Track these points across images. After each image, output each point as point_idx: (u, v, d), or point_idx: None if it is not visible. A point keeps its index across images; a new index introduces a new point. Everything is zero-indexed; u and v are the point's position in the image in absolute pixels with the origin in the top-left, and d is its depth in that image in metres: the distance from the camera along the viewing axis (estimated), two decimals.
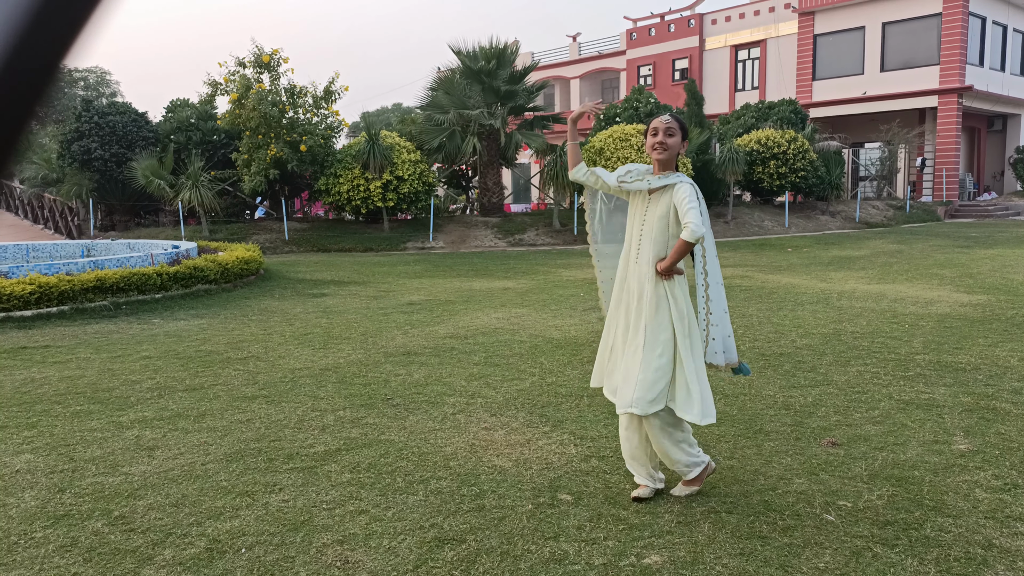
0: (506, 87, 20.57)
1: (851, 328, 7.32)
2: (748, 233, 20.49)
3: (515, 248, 18.58)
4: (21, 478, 3.75)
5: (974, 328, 7.19)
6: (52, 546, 3.01)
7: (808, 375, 5.59)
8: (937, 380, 5.37)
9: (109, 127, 20.20)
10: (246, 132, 18.76)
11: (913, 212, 24.12)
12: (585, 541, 3.01)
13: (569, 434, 4.32)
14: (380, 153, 18.53)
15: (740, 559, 2.84)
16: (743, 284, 10.75)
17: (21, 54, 0.43)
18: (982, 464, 3.75)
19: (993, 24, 27.53)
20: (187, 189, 17.99)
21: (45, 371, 6.04)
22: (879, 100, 27.14)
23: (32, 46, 0.43)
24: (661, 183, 3.36)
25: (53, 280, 8.74)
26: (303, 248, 18.46)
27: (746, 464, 3.82)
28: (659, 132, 3.38)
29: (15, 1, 0.42)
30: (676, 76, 33.28)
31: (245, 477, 3.73)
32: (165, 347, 6.95)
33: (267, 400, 5.14)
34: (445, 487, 3.58)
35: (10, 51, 0.42)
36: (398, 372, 5.90)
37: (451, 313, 8.72)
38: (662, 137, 3.36)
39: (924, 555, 2.85)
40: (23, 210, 26.81)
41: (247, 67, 18.70)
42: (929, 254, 14.38)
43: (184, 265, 10.22)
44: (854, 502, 3.33)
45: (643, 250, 3.38)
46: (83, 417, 4.77)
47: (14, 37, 0.42)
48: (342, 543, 3.02)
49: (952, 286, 10.06)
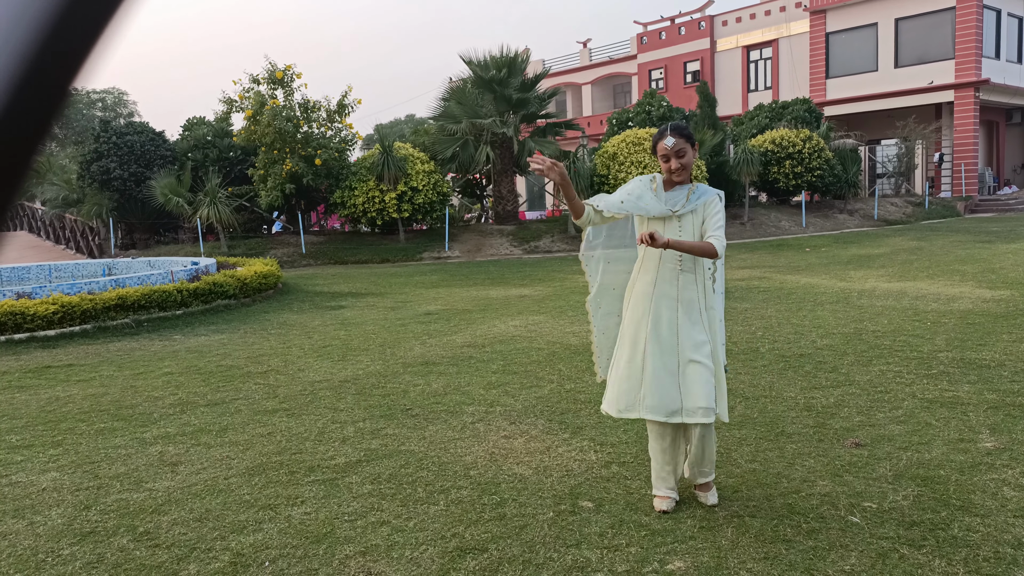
0: (518, 95, 20.62)
1: (872, 327, 7.25)
2: (765, 234, 20.36)
3: (531, 255, 18.58)
4: (48, 496, 3.79)
5: (997, 324, 7.09)
6: (79, 563, 3.04)
7: (830, 375, 5.54)
8: (961, 378, 5.30)
9: (127, 147, 20.46)
10: (262, 148, 18.94)
11: (932, 208, 23.86)
12: (607, 548, 3.00)
13: (589, 440, 4.31)
14: (394, 164, 18.63)
15: (764, 563, 2.81)
16: (761, 285, 10.68)
17: (32, 75, 0.43)
18: (1009, 462, 3.69)
19: (1008, 16, 27.23)
20: (205, 206, 18.18)
21: (69, 389, 6.11)
22: (894, 96, 26.91)
23: (43, 66, 0.44)
24: (691, 207, 3.31)
25: (75, 299, 8.85)
26: (320, 261, 18.58)
27: (768, 467, 3.79)
28: (670, 158, 3.29)
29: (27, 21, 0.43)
30: (688, 79, 33.20)
31: (267, 490, 3.75)
32: (186, 363, 7.01)
33: (288, 413, 5.17)
34: (466, 496, 3.58)
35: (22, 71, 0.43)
36: (416, 382, 5.92)
37: (468, 322, 8.73)
38: (676, 162, 3.28)
39: (952, 556, 2.81)
40: (44, 231, 27.22)
41: (261, 83, 18.89)
42: (950, 250, 14.21)
43: (204, 281, 10.32)
44: (879, 503, 3.29)
45: (684, 260, 3.31)
46: (107, 434, 4.82)
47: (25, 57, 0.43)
48: (364, 555, 3.03)
49: (974, 282, 9.93)
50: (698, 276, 3.35)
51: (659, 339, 3.30)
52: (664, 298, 3.33)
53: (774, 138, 21.80)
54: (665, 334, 3.29)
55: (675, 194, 3.36)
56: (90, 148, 20.76)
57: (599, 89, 38.09)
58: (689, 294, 3.32)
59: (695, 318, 3.31)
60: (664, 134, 3.31)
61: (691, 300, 3.32)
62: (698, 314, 3.32)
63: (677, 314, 3.30)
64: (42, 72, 0.44)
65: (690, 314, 3.30)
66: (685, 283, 3.32)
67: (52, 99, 0.46)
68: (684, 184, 3.37)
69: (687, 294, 3.31)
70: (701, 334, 3.29)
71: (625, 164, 18.87)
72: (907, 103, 26.65)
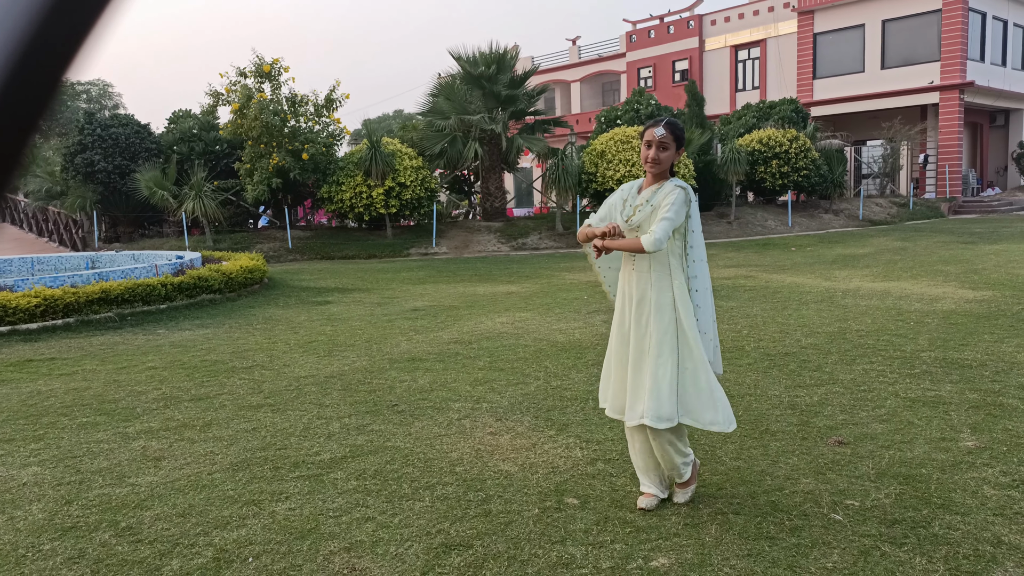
0: (507, 92, 20.60)
1: (856, 326, 7.31)
2: (751, 233, 20.46)
3: (518, 252, 18.58)
4: (28, 490, 3.76)
5: (980, 324, 7.16)
6: (60, 558, 3.02)
7: (814, 374, 5.58)
8: (943, 377, 5.35)
9: (112, 139, 20.28)
10: (248, 141, 18.82)
11: (916, 209, 24.07)
12: (592, 545, 3.01)
13: (575, 438, 4.32)
14: (382, 160, 18.57)
15: (748, 560, 2.83)
16: (747, 284, 10.74)
17: (23, 67, 0.43)
18: (990, 461, 3.74)
19: (993, 19, 27.50)
20: (190, 199, 18.06)
21: (51, 383, 6.06)
22: (880, 97, 27.11)
23: (34, 59, 0.43)
24: (649, 206, 3.25)
25: (58, 293, 8.77)
26: (307, 256, 18.49)
27: (752, 464, 3.81)
28: (652, 146, 3.24)
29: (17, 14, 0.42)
30: (676, 77, 33.30)
31: (251, 486, 3.73)
32: (170, 357, 6.96)
33: (272, 409, 5.15)
34: (451, 493, 3.57)
35: (12, 64, 0.43)
36: (403, 378, 5.91)
37: (455, 318, 8.73)
38: (655, 153, 3.24)
39: (933, 553, 2.84)
40: (27, 223, 26.94)
41: (248, 77, 18.76)
42: (933, 251, 14.34)
43: (188, 275, 10.25)
44: (861, 501, 3.32)
45: (639, 257, 3.28)
46: (89, 429, 4.78)
47: (16, 50, 0.43)
48: (349, 550, 3.02)
49: (957, 282, 10.03)
50: (654, 275, 3.25)
51: (626, 341, 3.33)
52: (631, 301, 3.31)
53: (761, 138, 21.91)
54: (634, 334, 3.28)
55: (645, 193, 3.32)
56: (74, 140, 20.56)
57: (588, 87, 38.13)
58: (664, 297, 3.24)
59: (666, 322, 3.22)
60: (657, 123, 3.27)
61: (664, 303, 3.23)
62: (672, 317, 3.22)
63: (646, 313, 3.25)
64: (33, 64, 0.43)
65: (660, 315, 3.22)
66: (640, 281, 3.28)
67: (44, 91, 0.45)
68: (660, 182, 3.32)
69: (662, 297, 3.24)
70: (669, 340, 3.20)
71: (613, 162, 18.90)
72: (893, 104, 26.87)
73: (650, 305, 3.25)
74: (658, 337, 3.21)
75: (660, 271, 3.26)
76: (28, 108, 0.45)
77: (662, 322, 3.22)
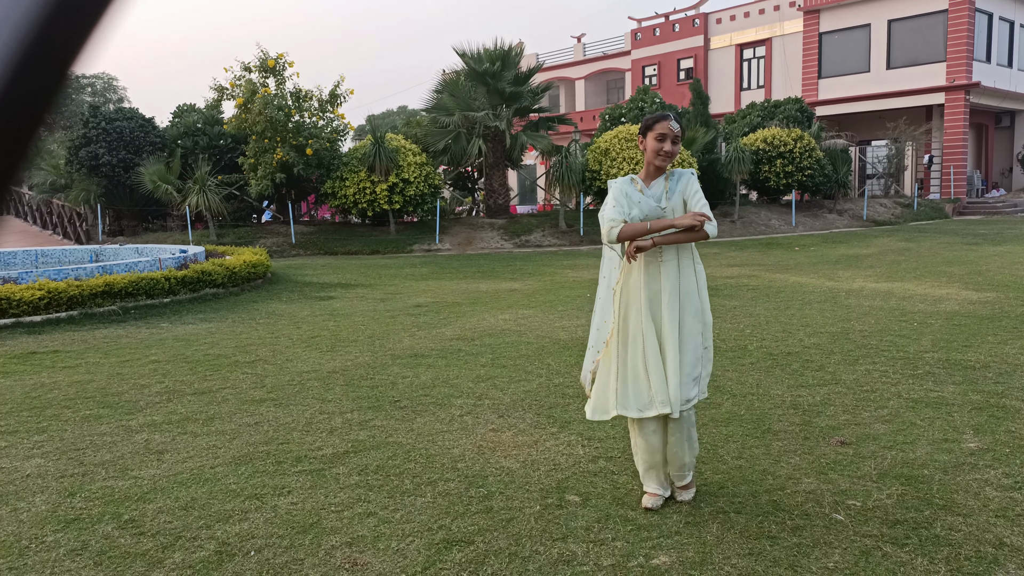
0: (511, 89, 20.58)
1: (859, 327, 7.30)
2: (755, 232, 20.44)
3: (521, 249, 18.58)
4: (32, 482, 3.77)
5: (983, 325, 7.15)
6: (63, 550, 3.03)
7: (816, 374, 5.58)
8: (946, 378, 5.34)
9: (116, 133, 20.29)
10: (252, 136, 18.83)
11: (921, 210, 24.01)
12: (593, 542, 3.01)
13: (577, 435, 4.32)
14: (386, 156, 18.57)
15: (749, 559, 2.83)
16: (750, 283, 10.73)
17: (30, 61, 0.43)
18: (992, 462, 3.73)
19: (1000, 20, 27.40)
20: (194, 194, 18.07)
21: (55, 376, 6.07)
22: (885, 97, 27.03)
23: (40, 52, 0.43)
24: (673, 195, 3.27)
25: (62, 285, 8.78)
26: (310, 251, 18.50)
27: (754, 464, 3.81)
28: (667, 139, 3.20)
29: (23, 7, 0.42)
30: (681, 76, 33.24)
31: (254, 480, 3.74)
32: (173, 351, 6.97)
33: (275, 403, 5.16)
34: (453, 489, 3.58)
35: (18, 57, 0.43)
36: (405, 374, 5.91)
37: (458, 315, 8.73)
38: (670, 146, 3.22)
39: (934, 554, 2.84)
40: (32, 216, 26.98)
41: (253, 72, 18.77)
42: (937, 252, 14.31)
43: (192, 269, 10.26)
44: (863, 501, 3.32)
45: (666, 249, 3.23)
46: (93, 421, 4.80)
47: (23, 43, 0.43)
48: (351, 545, 3.03)
49: (961, 283, 10.01)
50: (682, 263, 3.27)
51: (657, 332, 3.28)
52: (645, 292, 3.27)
53: (765, 137, 21.87)
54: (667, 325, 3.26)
55: (654, 188, 3.30)
56: (79, 133, 20.57)
57: (592, 84, 38.07)
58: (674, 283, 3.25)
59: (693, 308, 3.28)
60: (666, 116, 3.24)
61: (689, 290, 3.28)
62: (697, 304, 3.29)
63: (678, 302, 3.24)
64: (39, 57, 0.43)
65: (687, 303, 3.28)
66: (668, 273, 3.24)
67: (49, 85, 0.45)
68: (660, 175, 3.31)
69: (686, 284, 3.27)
70: (696, 325, 3.27)
71: (617, 160, 18.88)
72: (898, 104, 26.79)
73: (680, 294, 3.25)
74: (690, 323, 3.25)
75: (686, 259, 3.29)
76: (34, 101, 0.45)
77: (691, 308, 3.26)
